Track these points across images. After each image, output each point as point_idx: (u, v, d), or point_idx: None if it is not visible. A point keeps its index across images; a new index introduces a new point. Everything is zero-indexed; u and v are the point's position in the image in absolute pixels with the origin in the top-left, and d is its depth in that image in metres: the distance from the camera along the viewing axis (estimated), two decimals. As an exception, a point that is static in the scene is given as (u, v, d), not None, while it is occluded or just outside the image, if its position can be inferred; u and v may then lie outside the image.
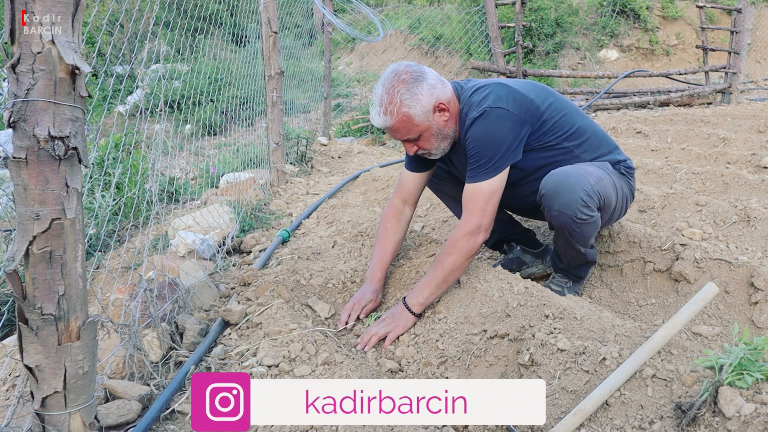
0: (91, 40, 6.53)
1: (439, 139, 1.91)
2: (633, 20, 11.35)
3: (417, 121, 1.83)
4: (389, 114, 1.82)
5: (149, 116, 3.10)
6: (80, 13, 1.10)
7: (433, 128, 1.87)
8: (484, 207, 1.84)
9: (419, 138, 1.89)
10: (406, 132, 1.86)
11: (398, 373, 1.81)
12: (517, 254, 2.35)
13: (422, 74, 1.84)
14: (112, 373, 1.71)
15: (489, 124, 1.81)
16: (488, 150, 1.81)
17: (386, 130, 1.90)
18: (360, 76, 11.10)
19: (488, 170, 1.82)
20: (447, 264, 1.88)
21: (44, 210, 1.09)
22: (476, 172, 1.84)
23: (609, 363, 1.42)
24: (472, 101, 1.88)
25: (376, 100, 1.84)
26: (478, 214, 1.84)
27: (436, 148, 1.94)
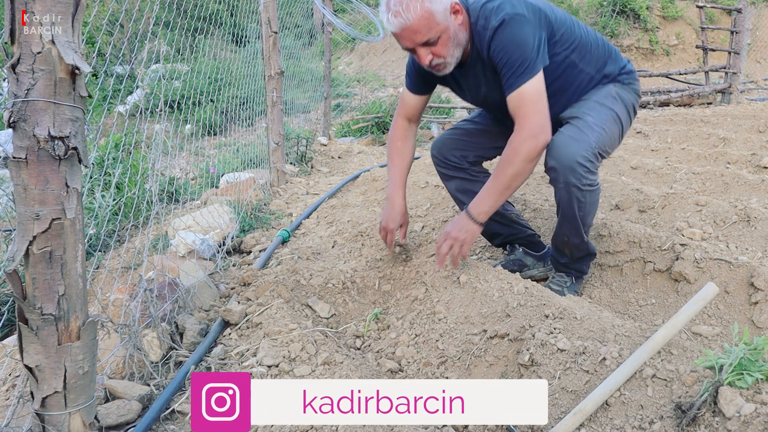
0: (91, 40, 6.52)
1: (454, 44, 1.80)
2: (633, 20, 11.36)
3: (438, 18, 1.72)
4: (411, 10, 1.68)
5: (149, 116, 3.10)
6: (80, 13, 1.10)
7: (451, 30, 1.77)
8: (535, 106, 1.75)
9: (437, 41, 1.76)
10: (427, 31, 1.73)
11: (398, 373, 1.81)
12: (519, 256, 2.34)
13: None
14: (112, 373, 1.71)
15: (512, 30, 1.74)
16: (518, 54, 1.74)
17: (402, 34, 1.74)
18: (360, 76, 11.10)
19: (524, 72, 1.74)
20: (509, 170, 1.78)
21: (44, 210, 1.09)
22: (513, 79, 1.76)
23: (609, 363, 1.42)
24: (487, 11, 1.80)
25: (390, 2, 1.71)
26: (534, 115, 1.75)
27: (451, 56, 1.82)
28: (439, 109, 7.75)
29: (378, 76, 11.04)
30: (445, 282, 2.16)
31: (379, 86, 10.53)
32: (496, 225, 2.31)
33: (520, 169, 1.78)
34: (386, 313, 2.18)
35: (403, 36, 1.76)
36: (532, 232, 2.38)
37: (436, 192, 3.56)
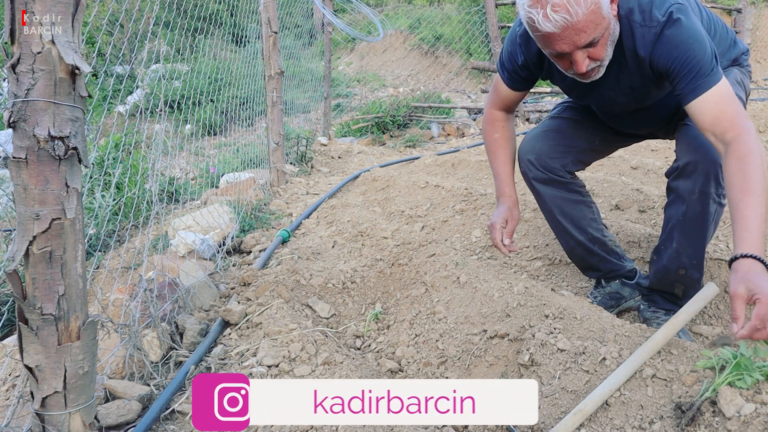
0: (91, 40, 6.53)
1: (610, 43, 1.46)
2: (633, 20, 11.34)
3: (604, 12, 1.37)
4: (583, 3, 1.32)
5: (149, 116, 3.10)
6: (80, 13, 1.10)
7: (611, 26, 1.43)
8: (737, 109, 1.40)
9: (597, 42, 1.41)
10: (593, 29, 1.37)
11: (398, 373, 1.81)
12: (616, 288, 1.99)
13: None
14: (112, 373, 1.71)
15: (685, 25, 1.42)
16: (700, 52, 1.41)
17: (558, 35, 1.36)
18: (360, 76, 11.10)
19: (710, 74, 1.41)
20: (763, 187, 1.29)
21: (44, 210, 1.09)
22: (699, 80, 1.40)
23: (609, 363, 1.42)
24: (643, 2, 1.47)
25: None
26: (739, 118, 1.38)
27: (607, 57, 1.48)
28: (440, 109, 7.75)
29: (378, 76, 11.04)
30: (445, 282, 2.17)
31: (379, 86, 10.53)
32: (594, 258, 1.94)
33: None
34: (386, 313, 2.18)
35: (562, 37, 1.37)
36: (632, 267, 2.00)
37: (436, 192, 3.56)
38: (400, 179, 4.09)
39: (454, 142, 6.41)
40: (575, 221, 1.90)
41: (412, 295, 2.19)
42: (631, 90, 1.61)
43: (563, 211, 1.90)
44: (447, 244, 2.63)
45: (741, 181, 1.31)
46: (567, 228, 1.92)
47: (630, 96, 1.64)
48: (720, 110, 1.38)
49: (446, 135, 7.34)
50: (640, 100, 1.66)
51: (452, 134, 7.30)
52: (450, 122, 7.46)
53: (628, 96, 1.64)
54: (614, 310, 1.97)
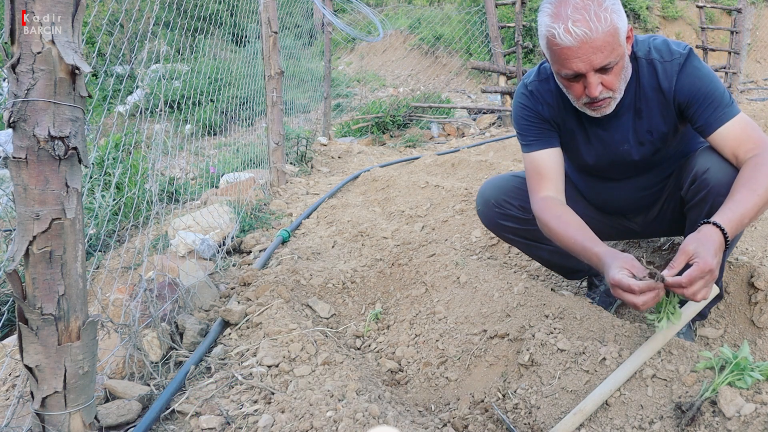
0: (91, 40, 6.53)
1: (624, 78, 1.46)
2: (633, 20, 11.35)
3: (620, 39, 1.37)
4: (602, 21, 1.32)
5: (149, 116, 3.10)
6: (80, 13, 1.10)
7: (625, 58, 1.43)
8: (761, 134, 1.42)
9: (612, 69, 1.40)
10: (609, 52, 1.35)
11: (398, 373, 1.82)
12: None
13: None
14: (112, 373, 1.71)
15: (702, 63, 1.49)
16: (719, 86, 1.47)
17: (578, 52, 1.35)
18: (360, 76, 11.11)
19: (732, 105, 1.46)
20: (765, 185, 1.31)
21: (44, 210, 1.09)
22: (723, 109, 1.44)
23: (609, 363, 1.42)
24: (656, 45, 1.52)
25: (565, 7, 1.33)
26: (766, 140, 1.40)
27: (620, 92, 1.47)
28: (440, 109, 7.75)
29: (378, 76, 11.04)
30: (445, 282, 2.17)
31: (379, 86, 10.53)
32: (572, 260, 1.76)
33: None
34: (386, 313, 2.18)
35: (579, 54, 1.35)
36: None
37: (436, 192, 3.56)
38: (400, 179, 4.09)
39: (454, 142, 6.42)
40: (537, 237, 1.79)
41: (412, 295, 2.19)
42: (649, 135, 1.59)
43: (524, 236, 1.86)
44: (447, 244, 2.63)
45: (747, 178, 1.34)
46: (532, 244, 1.87)
47: (647, 145, 1.61)
48: (747, 134, 1.43)
49: (446, 135, 7.34)
50: (655, 150, 1.62)
51: (452, 134, 7.30)
52: (450, 122, 7.46)
53: (645, 146, 1.61)
54: (612, 308, 1.97)
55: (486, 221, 1.90)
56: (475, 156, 4.62)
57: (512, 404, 1.47)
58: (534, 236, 1.81)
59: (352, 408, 1.38)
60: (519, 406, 1.45)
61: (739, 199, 1.31)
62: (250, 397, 1.55)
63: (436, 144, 6.84)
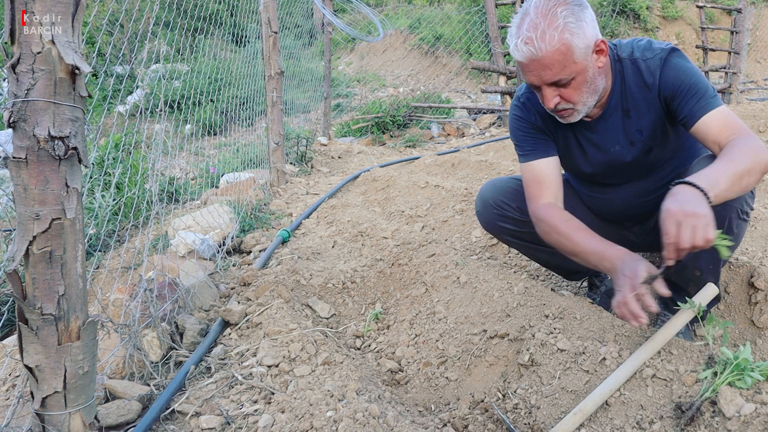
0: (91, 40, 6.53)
1: (589, 90, 1.48)
2: (633, 20, 11.36)
3: (576, 56, 1.40)
4: (546, 40, 1.38)
5: (149, 116, 3.10)
6: (80, 13, 1.10)
7: (589, 72, 1.45)
8: (743, 124, 1.43)
9: (569, 83, 1.45)
10: (560, 69, 1.41)
11: (398, 373, 1.82)
12: (610, 285, 1.94)
13: (585, 2, 1.45)
14: (112, 373, 1.71)
15: (684, 59, 1.50)
16: (702, 80, 1.47)
17: (530, 67, 1.43)
18: (360, 76, 11.11)
19: (715, 96, 1.46)
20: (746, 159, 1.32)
21: (44, 210, 1.09)
22: (707, 99, 1.45)
23: (609, 363, 1.42)
24: (640, 45, 1.55)
25: (524, 23, 1.41)
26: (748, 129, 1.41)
27: (582, 103, 1.50)
28: (440, 109, 7.75)
29: (378, 76, 11.05)
30: (445, 282, 2.17)
31: (379, 86, 10.54)
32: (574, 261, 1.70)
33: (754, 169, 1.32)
34: (386, 313, 2.18)
35: (530, 69, 1.44)
36: None
37: (436, 192, 3.57)
38: (400, 179, 4.09)
39: (454, 142, 6.42)
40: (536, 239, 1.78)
41: (412, 295, 2.19)
42: (639, 134, 1.59)
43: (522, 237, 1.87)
44: (447, 244, 2.63)
45: (725, 152, 1.36)
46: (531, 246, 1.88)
47: (638, 145, 1.61)
48: (728, 123, 1.42)
49: (446, 135, 7.35)
50: (647, 149, 1.62)
51: (452, 134, 7.30)
52: (450, 122, 7.46)
53: (636, 146, 1.62)
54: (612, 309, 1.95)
55: (484, 223, 1.91)
56: (475, 156, 4.62)
57: (512, 404, 1.47)
58: (533, 238, 1.81)
59: (352, 408, 1.38)
60: (519, 406, 1.45)
61: (715, 167, 1.32)
62: (250, 397, 1.55)
63: (436, 144, 6.84)
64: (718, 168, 1.31)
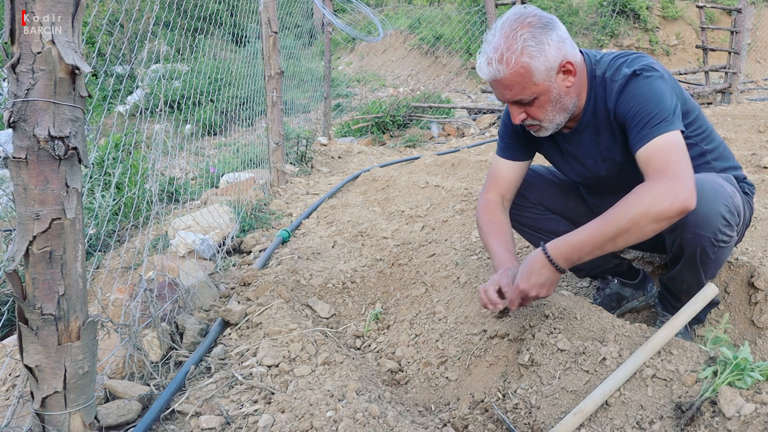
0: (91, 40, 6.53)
1: (555, 108, 1.52)
2: (633, 20, 11.36)
3: (536, 77, 1.45)
4: (504, 62, 1.43)
5: (149, 116, 3.11)
6: (80, 13, 1.10)
7: (553, 92, 1.49)
8: (678, 159, 1.34)
9: (533, 102, 1.51)
10: (520, 90, 1.47)
11: (398, 373, 1.82)
12: (616, 288, 1.99)
13: (552, 22, 1.47)
14: (112, 373, 1.71)
15: (649, 81, 1.45)
16: (655, 105, 1.42)
17: (494, 85, 1.51)
18: (360, 76, 11.11)
19: (662, 123, 1.39)
20: (623, 221, 1.33)
21: (44, 210, 1.09)
22: (648, 129, 1.40)
23: (609, 363, 1.42)
24: (618, 63, 1.53)
25: (488, 45, 1.46)
26: (673, 168, 1.33)
27: (549, 120, 1.54)
28: (440, 109, 7.75)
29: (378, 76, 11.05)
30: (445, 282, 2.17)
31: (379, 86, 10.54)
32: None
33: (640, 226, 1.32)
34: (386, 313, 2.18)
35: (494, 87, 1.52)
36: (620, 261, 1.99)
37: (436, 192, 3.57)
38: (400, 179, 4.09)
39: (454, 142, 6.42)
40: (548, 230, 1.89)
41: (412, 295, 2.19)
42: (608, 152, 1.61)
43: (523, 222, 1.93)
44: (447, 244, 2.63)
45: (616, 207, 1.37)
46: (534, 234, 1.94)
47: (609, 162, 1.63)
48: (659, 156, 1.37)
49: (446, 135, 7.35)
50: (619, 168, 1.64)
51: (452, 134, 7.30)
52: (450, 122, 7.46)
53: (607, 163, 1.64)
54: (616, 312, 1.96)
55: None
56: (475, 156, 4.62)
57: (512, 404, 1.47)
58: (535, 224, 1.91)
59: (352, 408, 1.38)
60: (519, 406, 1.45)
61: (587, 230, 1.41)
62: (250, 397, 1.55)
63: (436, 144, 6.84)
64: (588, 232, 1.40)
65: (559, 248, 1.43)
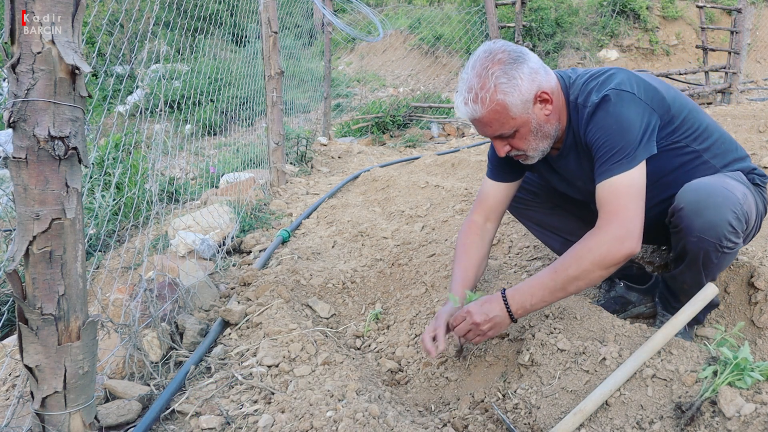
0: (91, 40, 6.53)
1: (537, 137, 1.55)
2: (633, 20, 11.36)
3: (513, 112, 1.48)
4: (479, 102, 1.46)
5: (149, 116, 3.11)
6: (80, 13, 1.10)
7: (532, 123, 1.52)
8: (628, 204, 1.41)
9: (514, 135, 1.54)
10: (499, 126, 1.51)
11: (398, 373, 1.81)
12: (621, 292, 1.97)
13: (523, 56, 1.48)
14: (112, 373, 1.71)
15: (616, 108, 1.46)
16: (620, 137, 1.44)
17: (474, 123, 1.54)
18: (360, 76, 11.11)
19: (623, 160, 1.43)
20: (573, 270, 1.43)
21: (44, 210, 1.09)
22: (609, 165, 1.44)
23: (609, 363, 1.42)
24: (589, 87, 1.54)
25: (463, 85, 1.50)
26: (623, 214, 1.41)
27: (533, 149, 1.58)
28: (440, 109, 7.75)
29: (378, 76, 11.05)
30: (445, 282, 2.17)
31: (379, 86, 10.54)
32: None
33: (588, 273, 1.42)
34: (386, 313, 2.18)
35: (474, 125, 1.55)
36: (629, 264, 1.98)
37: (436, 192, 3.57)
38: (400, 179, 4.09)
39: (454, 142, 6.42)
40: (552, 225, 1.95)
41: (412, 295, 2.19)
42: (591, 172, 1.60)
43: (540, 220, 1.98)
44: (447, 244, 2.63)
45: (566, 257, 1.46)
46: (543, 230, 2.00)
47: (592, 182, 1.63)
48: (612, 199, 1.43)
49: (446, 135, 7.35)
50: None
51: (452, 134, 7.30)
52: (450, 122, 7.46)
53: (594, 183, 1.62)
54: (620, 315, 1.94)
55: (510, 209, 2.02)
56: (475, 156, 4.62)
57: (512, 404, 1.47)
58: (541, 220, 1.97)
59: (352, 408, 1.38)
60: (519, 406, 1.45)
61: (539, 278, 1.50)
62: (250, 397, 1.55)
63: (436, 144, 6.84)
64: (539, 282, 1.49)
65: (514, 295, 1.50)
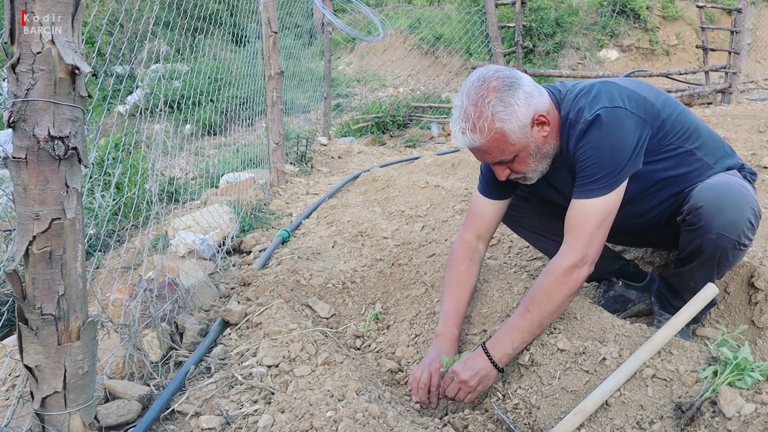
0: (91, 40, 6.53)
1: (537, 159, 1.57)
2: (633, 20, 11.36)
3: (512, 138, 1.49)
4: (478, 131, 1.47)
5: (149, 116, 3.10)
6: (80, 13, 1.10)
7: (531, 147, 1.53)
8: (594, 231, 1.48)
9: (513, 159, 1.55)
10: (499, 153, 1.52)
11: (398, 373, 1.81)
12: (620, 291, 1.98)
13: (516, 80, 1.49)
14: (112, 373, 1.71)
15: (608, 129, 1.47)
16: (609, 161, 1.47)
17: (472, 151, 1.55)
18: (360, 76, 11.11)
19: (604, 185, 1.47)
20: (545, 305, 1.49)
21: (44, 210, 1.09)
22: (589, 186, 1.49)
23: (609, 363, 1.42)
24: (580, 105, 1.54)
25: (459, 114, 1.51)
26: (586, 241, 1.48)
27: (533, 171, 1.59)
28: (440, 109, 7.75)
29: (378, 76, 11.05)
30: (445, 282, 2.16)
31: (379, 86, 10.54)
32: None
33: (557, 304, 1.50)
34: (386, 313, 2.18)
35: (473, 153, 1.56)
36: (625, 263, 2.02)
37: (436, 192, 3.57)
38: (400, 179, 4.09)
39: (454, 142, 6.41)
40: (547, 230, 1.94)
41: (412, 295, 2.19)
42: None
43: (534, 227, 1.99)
44: (447, 244, 2.63)
45: (535, 293, 1.51)
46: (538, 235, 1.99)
47: None
48: (580, 224, 1.49)
49: (446, 135, 7.34)
50: None
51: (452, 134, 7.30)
52: (450, 122, 7.46)
53: None
54: (621, 314, 1.94)
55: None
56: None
57: (512, 404, 1.47)
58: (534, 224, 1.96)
59: (352, 408, 1.38)
60: (519, 406, 1.45)
61: (514, 320, 1.53)
62: (250, 397, 1.55)
63: (436, 144, 6.84)
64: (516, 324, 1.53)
65: (495, 345, 1.53)
